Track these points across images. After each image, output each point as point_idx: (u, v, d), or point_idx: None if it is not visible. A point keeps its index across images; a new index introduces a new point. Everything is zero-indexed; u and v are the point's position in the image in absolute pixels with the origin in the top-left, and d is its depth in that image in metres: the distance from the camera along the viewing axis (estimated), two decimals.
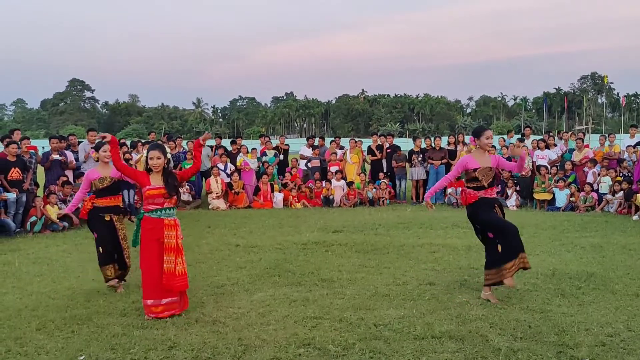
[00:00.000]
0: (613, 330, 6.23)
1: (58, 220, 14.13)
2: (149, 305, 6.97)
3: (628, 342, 5.92)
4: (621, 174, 16.88)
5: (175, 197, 7.25)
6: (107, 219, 8.52)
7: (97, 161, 8.97)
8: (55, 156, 15.43)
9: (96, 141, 10.73)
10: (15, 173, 13.91)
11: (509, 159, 18.87)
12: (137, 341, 6.12)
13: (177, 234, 7.18)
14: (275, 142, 22.56)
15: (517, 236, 7.48)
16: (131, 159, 16.85)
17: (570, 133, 20.98)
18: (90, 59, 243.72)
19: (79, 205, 9.15)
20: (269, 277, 8.93)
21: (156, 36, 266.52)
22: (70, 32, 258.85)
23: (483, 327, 6.35)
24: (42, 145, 30.59)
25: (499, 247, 7.46)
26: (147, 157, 7.31)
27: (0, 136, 15.98)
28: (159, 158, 7.22)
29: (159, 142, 17.13)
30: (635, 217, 14.95)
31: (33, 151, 15.37)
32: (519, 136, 22.23)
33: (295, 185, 19.58)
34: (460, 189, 8.05)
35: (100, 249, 8.42)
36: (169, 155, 7.38)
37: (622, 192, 16.12)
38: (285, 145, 21.89)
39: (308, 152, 21.31)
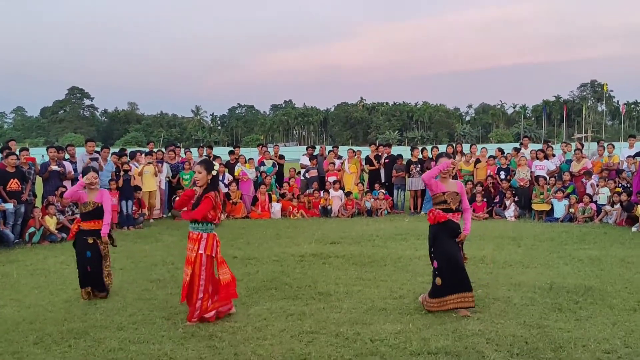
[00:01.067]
0: (610, 347, 6.22)
1: (56, 231, 14.14)
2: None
3: (625, 359, 5.92)
4: (620, 185, 16.86)
5: (196, 212, 7.31)
6: (90, 241, 8.67)
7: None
8: (54, 167, 15.42)
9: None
10: (14, 184, 13.91)
11: (507, 169, 18.94)
12: (134, 356, 6.12)
13: (197, 248, 7.31)
14: (271, 150, 22.46)
15: (461, 274, 7.60)
16: (130, 170, 16.86)
17: (566, 145, 20.92)
18: (90, 67, 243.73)
19: (77, 217, 9.27)
20: (265, 290, 8.93)
21: (155, 44, 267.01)
22: (70, 40, 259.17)
23: (479, 343, 6.35)
24: (42, 153, 30.56)
25: (439, 281, 7.60)
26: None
27: None
28: (199, 172, 7.36)
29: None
30: (634, 229, 14.93)
31: (32, 162, 15.36)
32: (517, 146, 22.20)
33: (293, 196, 19.59)
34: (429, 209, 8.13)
35: (78, 271, 8.71)
36: (214, 172, 7.45)
37: (620, 204, 16.09)
38: (281, 158, 21.78)
39: (307, 161, 21.29)
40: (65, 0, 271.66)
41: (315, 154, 21.86)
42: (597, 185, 17.45)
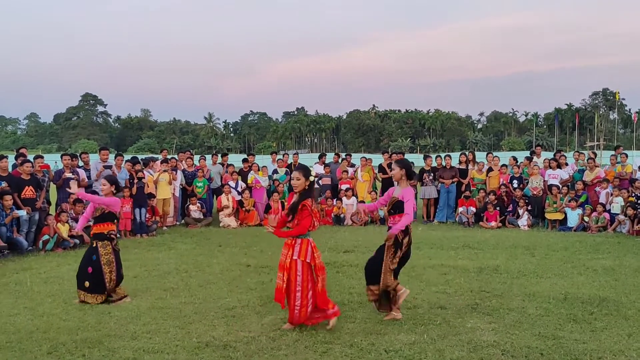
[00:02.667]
0: (626, 359, 6.18)
1: (69, 238, 14.19)
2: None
3: None
4: (633, 194, 16.73)
5: (291, 217, 7.41)
6: (94, 245, 9.00)
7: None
8: (68, 174, 15.48)
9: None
10: (29, 191, 13.98)
11: (520, 178, 18.88)
12: None
13: (291, 254, 7.30)
14: (279, 157, 22.48)
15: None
16: (144, 177, 16.90)
17: (579, 154, 20.80)
18: (103, 73, 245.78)
19: (90, 223, 9.45)
20: None
21: (168, 51, 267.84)
22: (84, 47, 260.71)
23: (495, 354, 6.32)
24: (55, 159, 30.68)
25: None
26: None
27: (14, 155, 16.07)
28: (298, 179, 7.37)
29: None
30: None
31: (46, 169, 15.43)
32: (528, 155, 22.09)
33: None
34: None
35: (78, 271, 9.07)
36: (312, 178, 7.49)
37: (634, 217, 15.96)
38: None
39: (321, 169, 21.25)
40: (79, 7, 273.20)
41: (327, 162, 21.83)
42: (612, 195, 17.34)
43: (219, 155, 21.96)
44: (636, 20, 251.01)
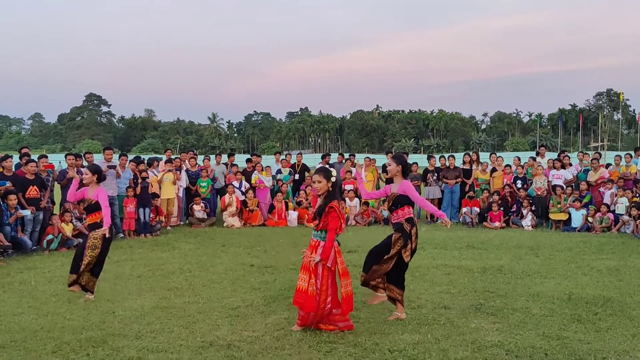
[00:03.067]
0: (630, 359, 6.17)
1: (73, 238, 14.21)
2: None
3: None
4: (638, 195, 16.70)
5: (317, 221, 7.29)
6: (87, 233, 9.35)
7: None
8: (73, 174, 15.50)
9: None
10: (33, 191, 14.01)
11: (524, 178, 18.87)
12: None
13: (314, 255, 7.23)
14: (282, 157, 22.52)
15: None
16: (148, 177, 16.92)
17: (584, 154, 20.77)
18: (107, 74, 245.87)
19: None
20: (283, 299, 8.89)
21: (172, 51, 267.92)
22: (88, 47, 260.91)
23: (499, 355, 6.31)
24: (59, 159, 30.77)
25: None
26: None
27: (18, 155, 16.10)
28: (319, 182, 7.26)
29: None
30: None
31: (50, 169, 15.45)
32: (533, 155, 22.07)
33: (310, 204, 19.57)
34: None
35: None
36: (333, 179, 7.29)
37: (634, 218, 15.94)
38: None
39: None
40: (83, 8, 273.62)
41: (331, 162, 21.84)
42: (616, 195, 17.31)
43: (223, 155, 21.95)
44: None
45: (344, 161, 22.19)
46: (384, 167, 20.53)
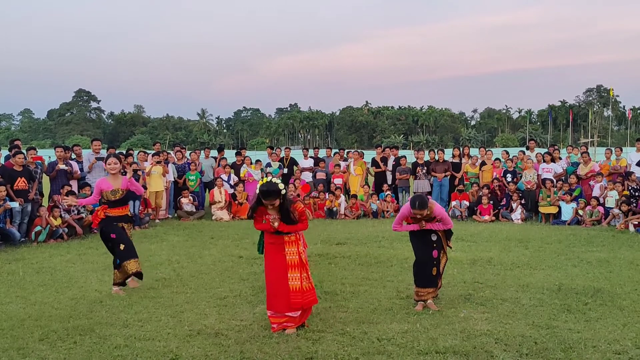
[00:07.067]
0: (621, 348, 6.16)
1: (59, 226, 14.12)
2: (269, 315, 6.96)
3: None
4: (629, 188, 16.70)
5: (302, 226, 7.10)
6: (120, 225, 8.97)
7: (106, 171, 9.45)
8: (62, 166, 15.41)
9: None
10: (21, 183, 13.92)
11: (513, 172, 18.87)
12: (139, 353, 6.08)
13: (298, 250, 7.03)
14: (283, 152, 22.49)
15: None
16: (139, 170, 16.83)
17: (572, 148, 20.81)
18: (97, 69, 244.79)
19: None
20: None
21: (161, 47, 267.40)
22: (77, 43, 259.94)
23: (488, 343, 6.29)
24: (49, 155, 30.63)
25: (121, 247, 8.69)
26: None
27: (8, 147, 16.01)
28: (273, 205, 6.92)
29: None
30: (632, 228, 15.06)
31: (39, 161, 15.36)
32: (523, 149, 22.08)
33: (298, 197, 19.51)
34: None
35: (121, 246, 8.83)
36: (283, 191, 6.86)
37: (628, 212, 15.96)
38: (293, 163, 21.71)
39: (305, 163, 21.31)
40: (72, 4, 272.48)
41: (320, 156, 21.81)
42: (606, 188, 17.33)
43: (212, 150, 21.90)
44: (630, 18, 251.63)
45: (332, 155, 22.15)
46: (373, 160, 20.65)
